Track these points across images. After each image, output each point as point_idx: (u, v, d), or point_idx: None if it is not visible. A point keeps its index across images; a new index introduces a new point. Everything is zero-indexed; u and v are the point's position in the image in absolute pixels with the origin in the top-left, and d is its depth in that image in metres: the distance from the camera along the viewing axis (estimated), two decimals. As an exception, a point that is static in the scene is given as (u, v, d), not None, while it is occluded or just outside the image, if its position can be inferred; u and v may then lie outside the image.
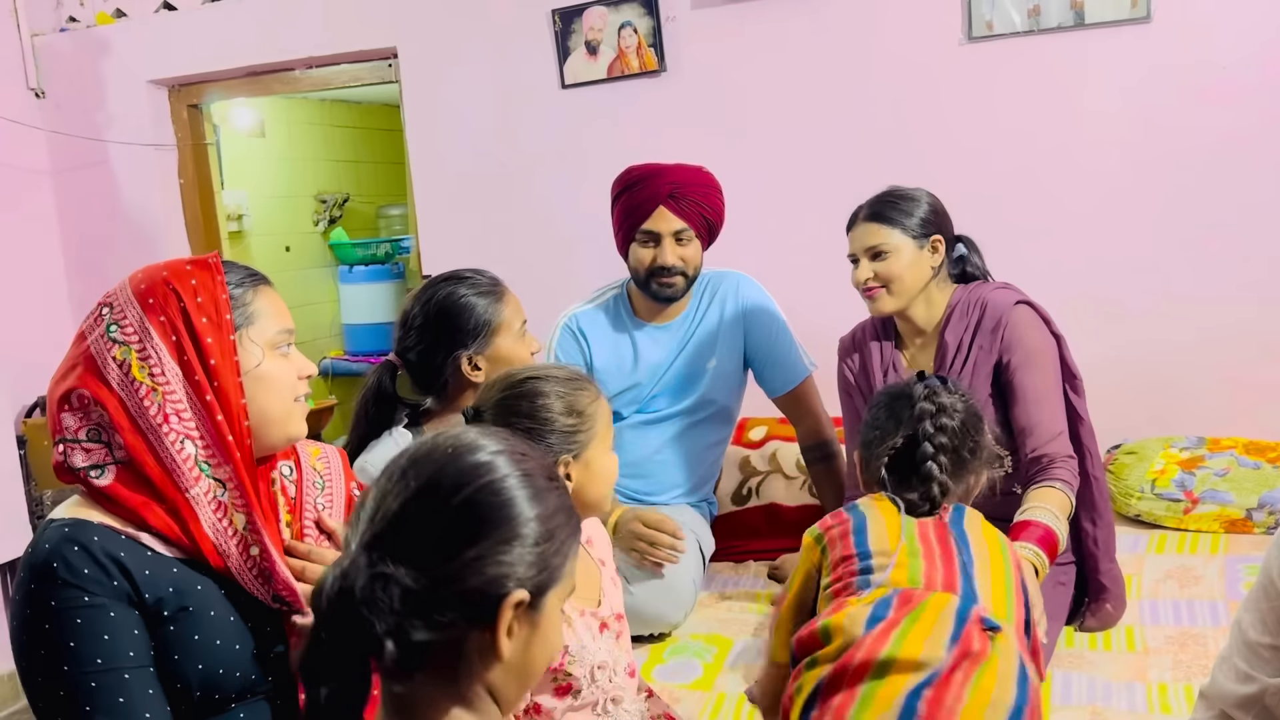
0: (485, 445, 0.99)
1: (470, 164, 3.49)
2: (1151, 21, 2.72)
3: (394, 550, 0.92)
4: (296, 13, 3.62)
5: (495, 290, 2.13)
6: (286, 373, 1.38)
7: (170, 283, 1.31)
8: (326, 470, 1.49)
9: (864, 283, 2.19)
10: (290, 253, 5.33)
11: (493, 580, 0.93)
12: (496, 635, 0.93)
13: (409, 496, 0.94)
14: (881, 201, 2.21)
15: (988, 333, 2.16)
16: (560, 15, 3.25)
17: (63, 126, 3.89)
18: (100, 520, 1.27)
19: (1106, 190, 2.83)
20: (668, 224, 2.40)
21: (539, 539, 0.96)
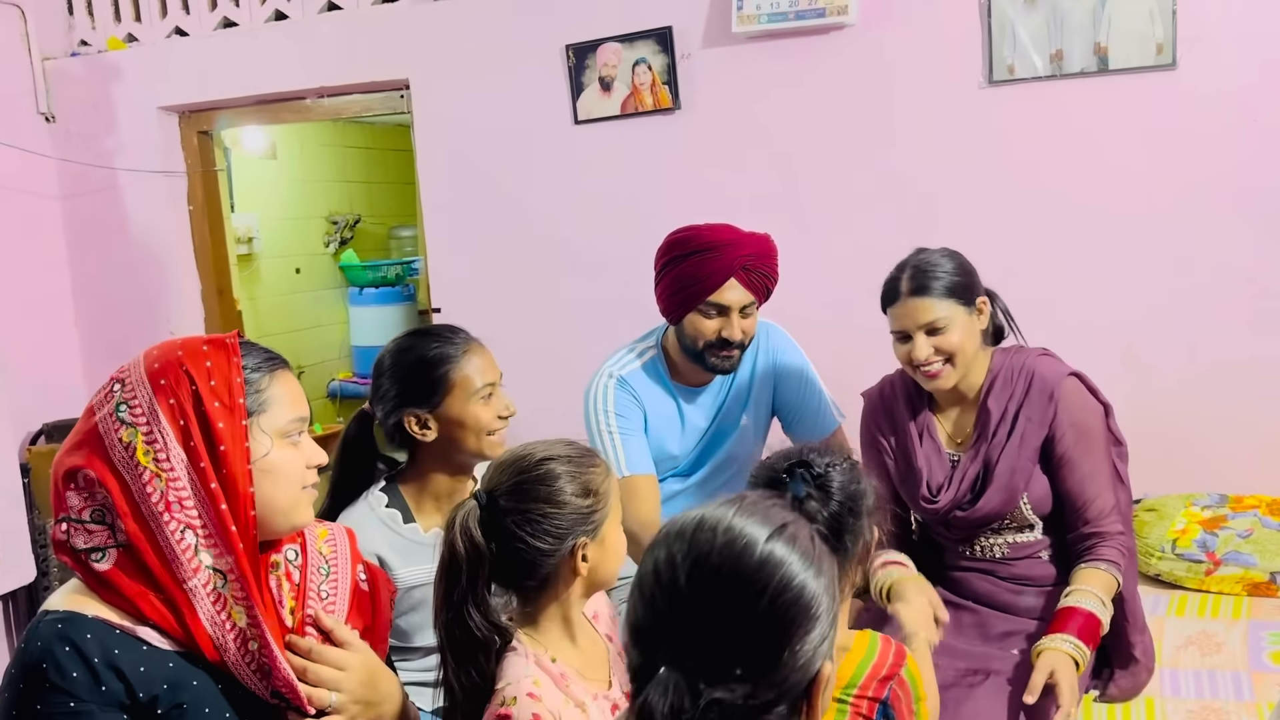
0: (757, 536, 0.98)
1: (481, 195, 3.46)
2: (1177, 69, 2.67)
3: (716, 672, 0.93)
4: (309, 42, 3.59)
5: (455, 347, 2.00)
6: (295, 462, 1.34)
7: (184, 364, 1.28)
8: (333, 555, 1.45)
9: (925, 360, 2.06)
10: (300, 274, 5.31)
11: (808, 666, 0.96)
12: (813, 708, 0.98)
13: (715, 614, 0.95)
14: (922, 272, 2.08)
15: (1037, 405, 2.08)
16: (574, 50, 3.21)
17: (72, 152, 3.87)
18: (95, 613, 1.24)
19: (1128, 238, 2.78)
20: (738, 297, 2.25)
21: (829, 606, 0.99)
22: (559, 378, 2.92)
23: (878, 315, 3.00)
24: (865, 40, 2.94)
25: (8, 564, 3.35)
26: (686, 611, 0.95)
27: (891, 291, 2.12)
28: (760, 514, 1.01)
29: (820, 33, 2.96)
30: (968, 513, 2.12)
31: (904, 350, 2.11)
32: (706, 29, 3.08)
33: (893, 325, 2.13)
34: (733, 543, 0.97)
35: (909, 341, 2.09)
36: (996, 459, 2.10)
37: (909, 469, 2.20)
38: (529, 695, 1.36)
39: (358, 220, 5.64)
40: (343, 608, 1.40)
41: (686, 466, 2.48)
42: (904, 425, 2.22)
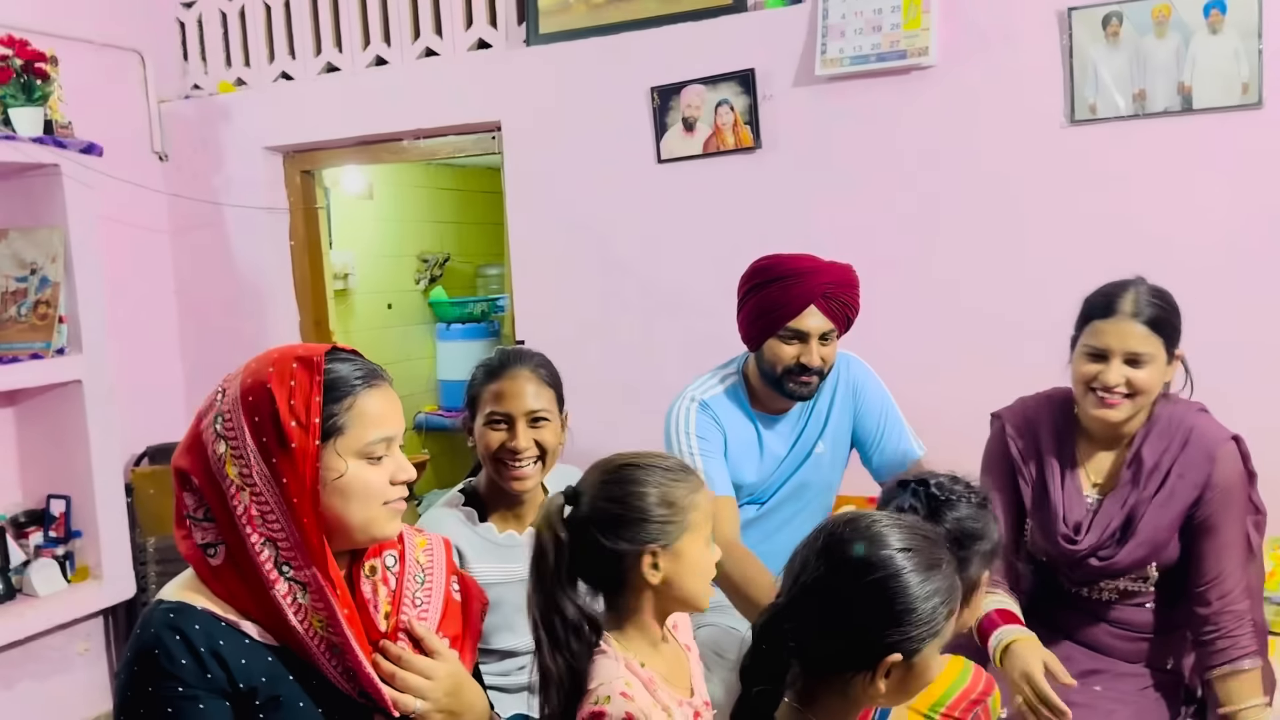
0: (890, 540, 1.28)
1: (566, 232, 3.56)
2: (1264, 108, 2.66)
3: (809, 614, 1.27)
4: (406, 86, 3.75)
5: (487, 369, 2.16)
6: (374, 480, 1.37)
7: (269, 381, 1.32)
8: (429, 564, 1.50)
9: (1112, 386, 1.98)
10: (392, 310, 5.48)
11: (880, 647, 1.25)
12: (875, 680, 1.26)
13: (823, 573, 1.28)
14: (1148, 301, 1.99)
15: (1193, 464, 2.01)
16: (659, 92, 3.31)
17: (182, 188, 4.08)
18: (204, 605, 1.32)
19: (1213, 278, 2.75)
20: (818, 324, 2.29)
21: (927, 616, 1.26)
22: (639, 412, 2.98)
23: (959, 353, 3.03)
24: (945, 80, 2.97)
25: (111, 579, 3.51)
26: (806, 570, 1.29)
27: (1106, 306, 2.01)
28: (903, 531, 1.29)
29: (900, 73, 3.01)
30: (1105, 562, 2.06)
31: (1091, 370, 2.00)
32: (788, 71, 3.15)
33: (1090, 340, 2.02)
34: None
35: (1102, 362, 1.99)
36: (1143, 511, 2.03)
37: (1045, 501, 2.12)
38: (622, 695, 1.41)
39: (447, 259, 5.81)
40: (435, 616, 1.45)
41: (761, 493, 2.51)
42: (1048, 454, 2.13)
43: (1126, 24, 2.75)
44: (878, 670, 1.24)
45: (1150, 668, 2.12)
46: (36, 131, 3.20)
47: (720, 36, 3.23)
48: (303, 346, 1.38)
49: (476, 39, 3.67)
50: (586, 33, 3.44)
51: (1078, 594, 2.15)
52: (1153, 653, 2.12)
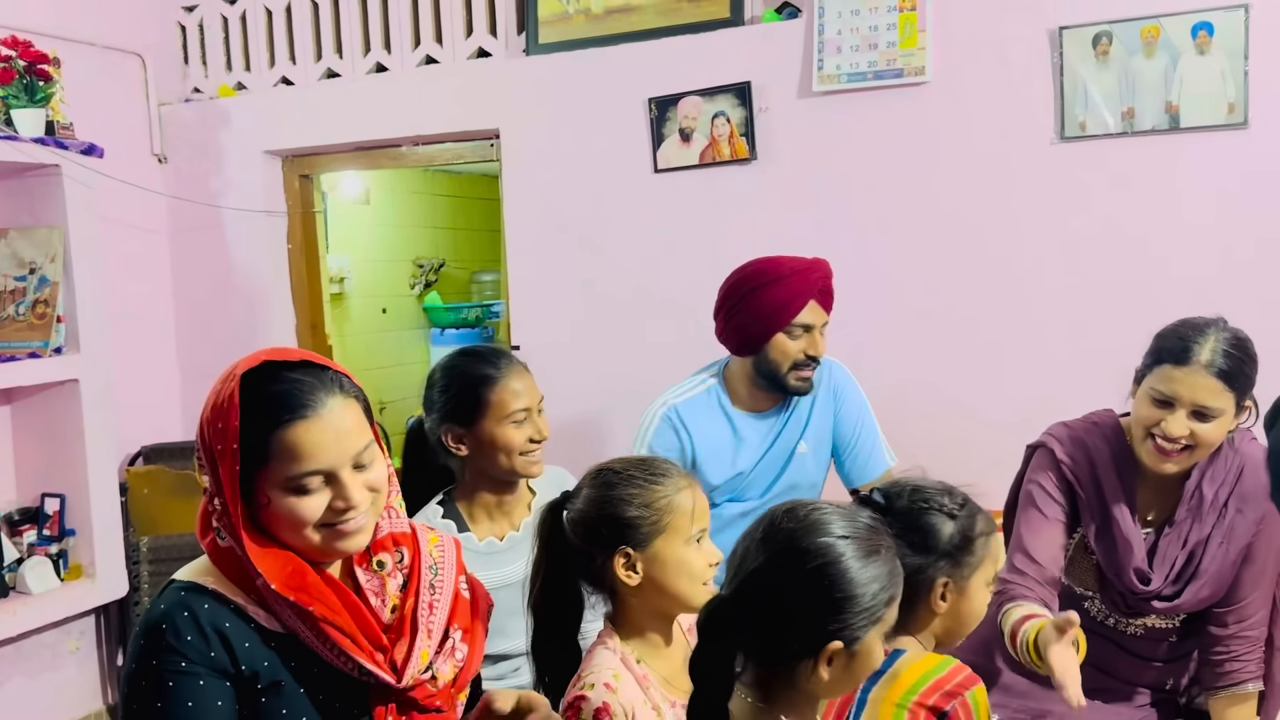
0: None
1: (563, 239, 3.60)
2: (1249, 128, 2.71)
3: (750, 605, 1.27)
4: (406, 93, 3.79)
5: (497, 370, 2.10)
6: (304, 511, 1.32)
7: (208, 401, 1.33)
8: (441, 559, 1.52)
9: (1174, 438, 1.87)
10: (387, 314, 5.51)
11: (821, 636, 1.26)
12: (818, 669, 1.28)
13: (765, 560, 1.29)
14: (1231, 355, 1.87)
15: (1252, 499, 1.93)
16: (656, 103, 3.35)
17: (182, 191, 4.11)
18: (214, 586, 1.35)
19: (1200, 294, 2.79)
20: (819, 317, 2.43)
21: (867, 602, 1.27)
22: (633, 418, 3.00)
23: (951, 366, 3.07)
24: (940, 96, 3.03)
25: (103, 578, 3.52)
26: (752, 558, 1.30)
27: (1183, 352, 1.88)
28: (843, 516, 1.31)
29: (895, 89, 3.06)
30: (1169, 603, 1.97)
31: (1155, 415, 1.89)
32: (784, 84, 3.20)
33: (1160, 385, 1.89)
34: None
35: (1167, 409, 1.88)
36: (1204, 548, 1.95)
37: (1110, 533, 2.00)
38: (605, 685, 1.46)
39: (442, 264, 5.84)
40: (444, 610, 1.47)
41: (746, 491, 2.56)
42: (1106, 485, 2.01)
43: (1116, 43, 2.80)
44: (819, 659, 1.25)
45: (1149, 688, 2.13)
46: (38, 132, 3.22)
47: (717, 49, 3.28)
48: (246, 360, 1.35)
49: (476, 48, 3.71)
50: (585, 43, 3.48)
51: (1103, 623, 2.09)
52: (1159, 677, 2.12)
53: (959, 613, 1.56)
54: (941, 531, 1.55)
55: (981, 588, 1.58)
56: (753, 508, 2.55)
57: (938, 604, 1.54)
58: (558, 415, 2.40)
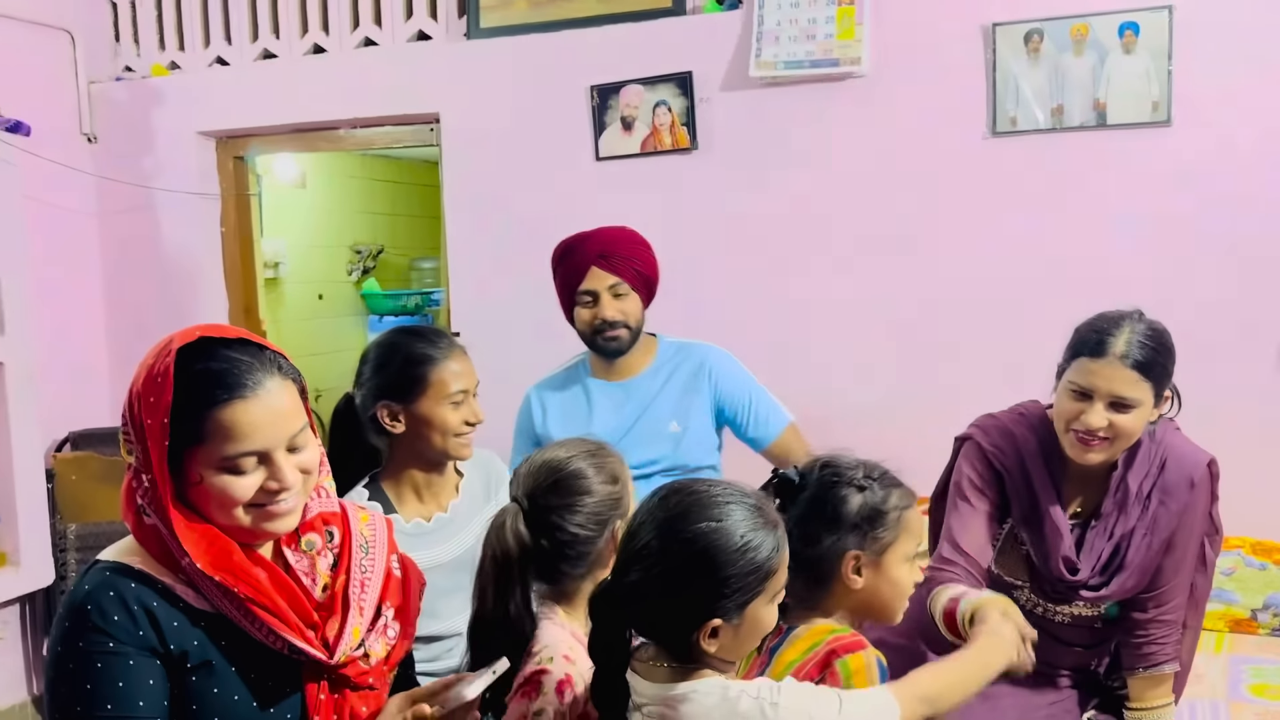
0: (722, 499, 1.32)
1: (503, 226, 3.59)
2: (1172, 125, 2.80)
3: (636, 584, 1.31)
4: (344, 75, 3.75)
5: (439, 350, 2.09)
6: (235, 490, 1.30)
7: (139, 374, 1.30)
8: (372, 537, 1.51)
9: (1093, 429, 1.89)
10: (323, 300, 5.45)
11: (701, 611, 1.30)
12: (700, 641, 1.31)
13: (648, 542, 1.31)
14: (1144, 345, 1.88)
15: (1175, 491, 1.97)
16: (598, 91, 3.36)
17: (112, 172, 4.02)
18: (141, 566, 1.32)
19: (1125, 287, 2.86)
20: (602, 281, 2.51)
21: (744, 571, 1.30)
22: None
23: (882, 355, 3.13)
24: (876, 90, 3.08)
25: (29, 566, 3.45)
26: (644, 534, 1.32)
27: (1098, 345, 1.90)
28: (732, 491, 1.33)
29: (833, 81, 3.10)
30: (1096, 593, 2.00)
31: (1074, 408, 1.91)
32: (725, 75, 3.23)
33: (1077, 378, 1.91)
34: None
35: (1086, 401, 1.90)
36: (1129, 540, 1.98)
37: (1039, 522, 2.02)
38: (564, 657, 1.49)
39: (380, 251, 5.79)
40: (376, 588, 1.47)
41: (630, 458, 2.55)
42: (1033, 474, 2.03)
43: (1047, 41, 2.87)
44: (702, 633, 1.28)
45: (1072, 670, 2.18)
46: (-38, 108, 3.14)
47: (659, 38, 3.30)
48: (182, 334, 1.32)
49: (416, 30, 3.68)
50: (527, 29, 3.47)
51: (1032, 611, 2.08)
52: (1081, 660, 2.18)
53: (877, 589, 1.55)
54: (849, 504, 1.54)
55: (900, 563, 1.56)
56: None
57: (851, 579, 1.52)
58: (497, 401, 2.40)
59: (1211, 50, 2.76)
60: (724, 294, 3.27)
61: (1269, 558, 2.61)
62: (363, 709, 1.42)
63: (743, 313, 3.23)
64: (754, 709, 1.28)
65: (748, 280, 3.26)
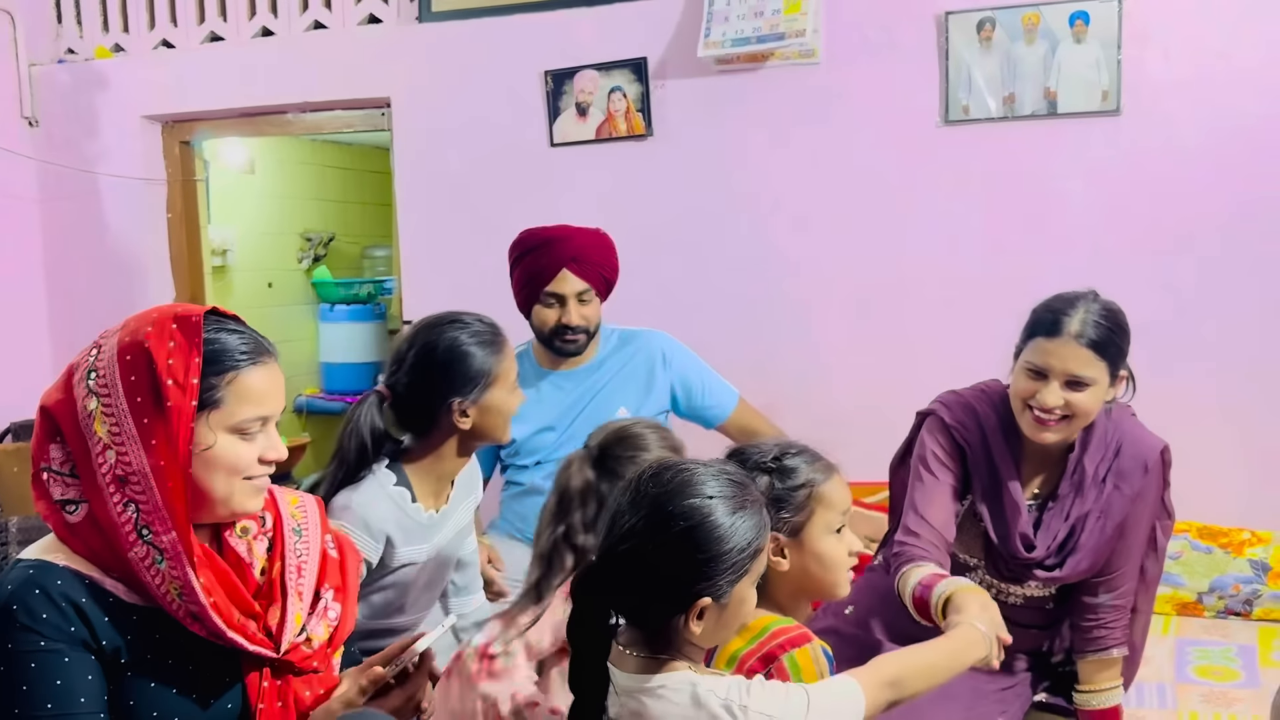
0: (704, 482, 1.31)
1: (456, 213, 3.55)
2: (1121, 115, 2.83)
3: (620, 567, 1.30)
4: (293, 58, 3.69)
5: (495, 341, 2.08)
6: (243, 456, 1.34)
7: (146, 342, 1.29)
8: (304, 520, 1.50)
9: (1049, 408, 1.91)
10: (272, 289, 5.35)
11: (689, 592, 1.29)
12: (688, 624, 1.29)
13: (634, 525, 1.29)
14: (1098, 324, 1.91)
15: (1130, 476, 1.98)
16: (553, 76, 3.33)
17: (54, 156, 3.93)
18: (65, 563, 1.29)
19: (1073, 274, 2.87)
20: (571, 286, 2.51)
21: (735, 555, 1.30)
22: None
23: (834, 335, 3.13)
24: (829, 77, 3.08)
25: (-32, 559, 3.37)
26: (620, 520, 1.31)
27: (1053, 324, 1.93)
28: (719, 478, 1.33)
29: (785, 67, 3.10)
30: (1050, 573, 2.02)
31: (1030, 387, 1.93)
32: (680, 60, 3.21)
33: (1033, 358, 1.94)
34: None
35: (1041, 380, 1.92)
36: (1084, 522, 1.99)
37: (999, 498, 2.04)
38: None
39: (332, 238, 5.70)
40: (313, 570, 1.45)
41: (563, 447, 2.55)
42: (999, 453, 2.05)
43: (999, 29, 2.89)
44: (689, 614, 1.27)
45: (1026, 653, 2.19)
46: (-105, 89, 3.05)
47: (614, 23, 3.28)
48: (182, 306, 1.35)
49: (367, 14, 3.63)
50: (480, 12, 3.43)
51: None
52: (1035, 642, 2.19)
53: (805, 568, 1.55)
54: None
55: (821, 536, 1.55)
56: None
57: (775, 561, 1.51)
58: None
59: (1160, 40, 2.80)
60: (679, 281, 3.26)
61: (1215, 541, 2.65)
62: (306, 693, 1.41)
63: (697, 299, 3.23)
64: (722, 711, 1.26)
65: (702, 267, 3.25)
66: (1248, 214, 2.77)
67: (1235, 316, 2.80)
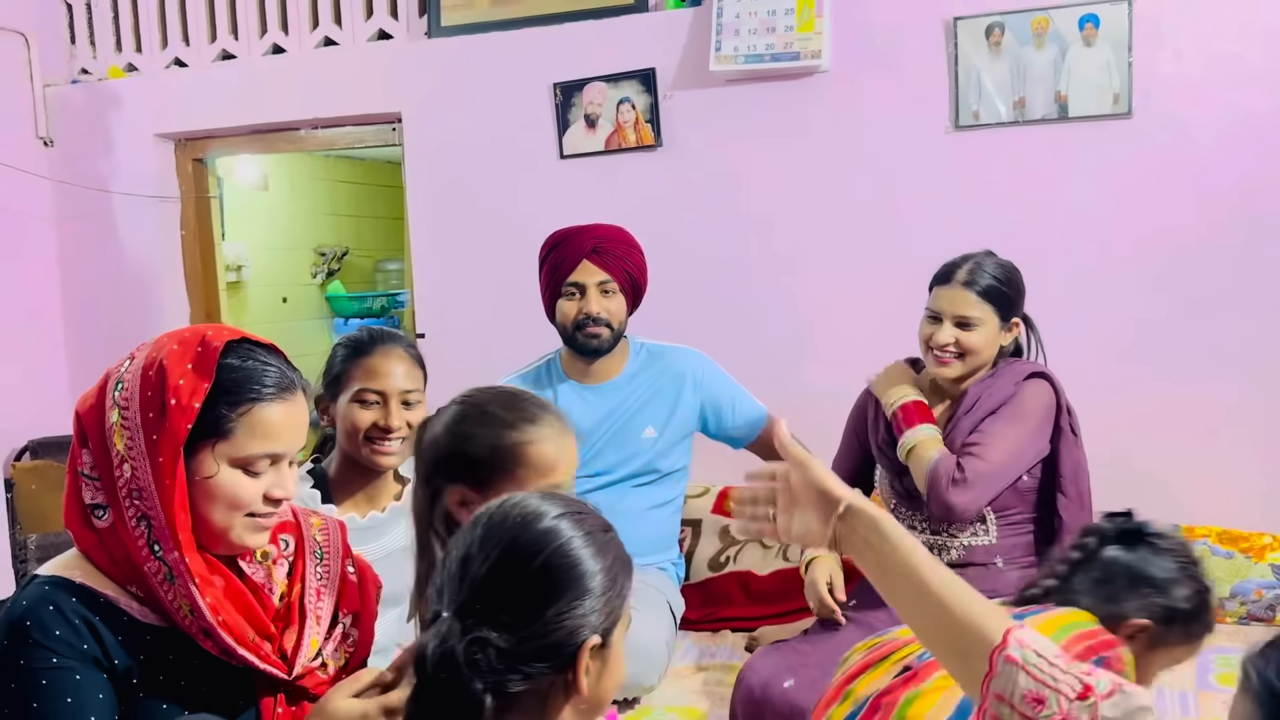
0: (547, 510, 1.10)
1: (468, 226, 3.56)
2: (1133, 117, 2.81)
3: (485, 616, 1.02)
4: (305, 75, 3.71)
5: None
6: (245, 492, 1.31)
7: (166, 359, 1.28)
8: (326, 542, 1.49)
9: (942, 346, 2.22)
10: (287, 304, 5.39)
11: (572, 631, 1.04)
12: (577, 676, 1.05)
13: (492, 565, 1.05)
14: (980, 270, 2.23)
15: (996, 393, 2.24)
16: (561, 89, 3.34)
17: (69, 175, 3.96)
18: (82, 580, 1.28)
19: (1086, 279, 2.90)
20: (591, 275, 2.50)
21: (604, 588, 1.07)
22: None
23: (846, 346, 3.12)
24: (838, 85, 3.07)
25: (-12, 577, 3.39)
26: (471, 564, 1.05)
27: (945, 275, 2.26)
28: (564, 503, 1.13)
29: (795, 77, 3.10)
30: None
31: (929, 330, 2.25)
32: (688, 71, 3.22)
33: (930, 304, 2.26)
34: (526, 514, 1.09)
35: (937, 324, 2.23)
36: (953, 428, 2.26)
37: (890, 443, 2.32)
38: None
39: (345, 253, 5.74)
40: (332, 594, 1.45)
41: (587, 464, 2.55)
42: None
43: (1008, 34, 2.88)
44: (579, 661, 1.03)
45: None
46: (-89, 111, 3.08)
47: (622, 35, 3.28)
48: (216, 330, 1.33)
49: (377, 29, 3.65)
50: (489, 26, 3.45)
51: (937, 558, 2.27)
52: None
53: (1144, 667, 1.58)
54: (1179, 591, 1.59)
55: (1164, 665, 1.66)
56: (595, 485, 2.56)
57: (1126, 641, 1.53)
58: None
59: (1171, 41, 2.78)
60: (689, 290, 3.25)
61: (1235, 546, 2.61)
62: None
63: (707, 308, 3.22)
64: None
65: (713, 276, 3.25)
66: (1261, 215, 2.75)
67: (1250, 319, 2.78)
